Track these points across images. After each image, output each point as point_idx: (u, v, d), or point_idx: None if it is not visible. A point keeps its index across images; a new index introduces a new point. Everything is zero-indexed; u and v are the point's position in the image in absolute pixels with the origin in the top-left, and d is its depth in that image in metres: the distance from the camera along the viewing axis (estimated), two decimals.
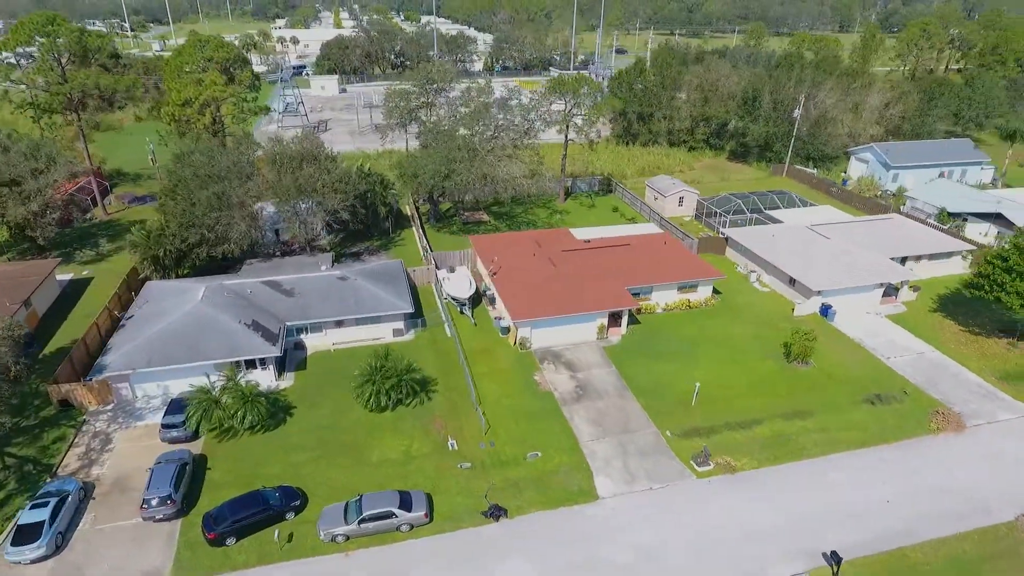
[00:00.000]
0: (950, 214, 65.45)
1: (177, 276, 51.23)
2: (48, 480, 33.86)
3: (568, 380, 42.46)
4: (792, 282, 52.30)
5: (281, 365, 43.10)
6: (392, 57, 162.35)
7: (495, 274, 49.85)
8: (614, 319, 47.30)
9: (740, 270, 58.02)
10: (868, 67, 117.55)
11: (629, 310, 47.28)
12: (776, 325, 49.22)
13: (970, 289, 46.92)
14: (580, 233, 58.33)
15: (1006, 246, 45.27)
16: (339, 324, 45.66)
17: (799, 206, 67.24)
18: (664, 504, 32.94)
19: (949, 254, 57.23)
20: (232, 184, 50.81)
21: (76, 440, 36.83)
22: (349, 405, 39.48)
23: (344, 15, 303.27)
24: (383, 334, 46.83)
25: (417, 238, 64.53)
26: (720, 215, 65.76)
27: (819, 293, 49.82)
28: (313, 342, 45.79)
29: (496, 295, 49.14)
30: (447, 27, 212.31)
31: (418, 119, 65.65)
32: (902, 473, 35.20)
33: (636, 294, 49.61)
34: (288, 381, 42.35)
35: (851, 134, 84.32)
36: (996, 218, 61.54)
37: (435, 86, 64.52)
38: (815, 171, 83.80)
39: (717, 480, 34.42)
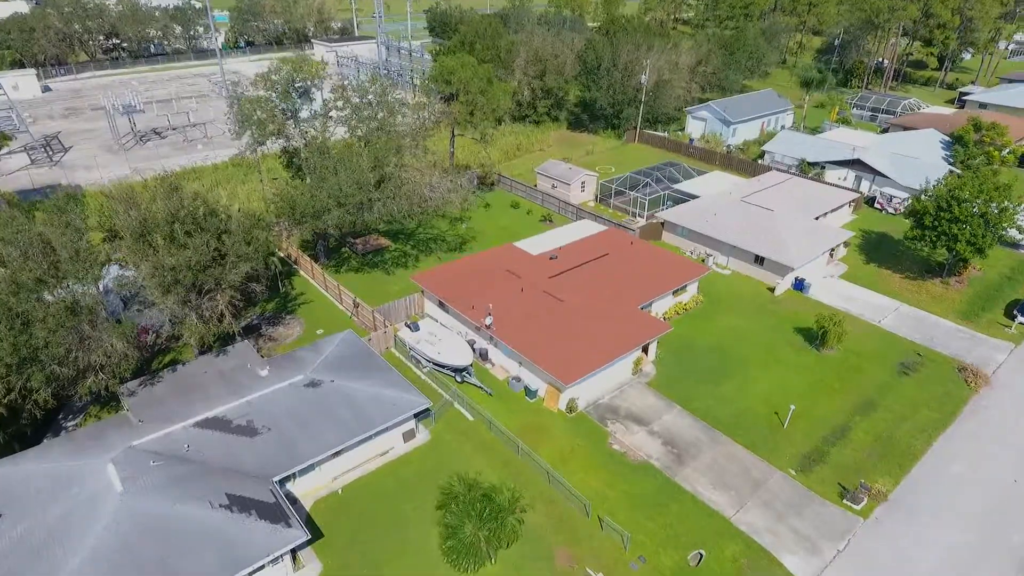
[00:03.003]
0: (810, 164, 71.55)
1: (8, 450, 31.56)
2: None
3: (649, 439, 35.95)
4: (759, 261, 51.74)
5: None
6: (102, 39, 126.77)
7: (489, 327, 40.07)
8: (643, 348, 41.55)
9: (691, 255, 56.03)
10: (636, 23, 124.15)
11: None
12: (768, 310, 48.32)
13: (912, 242, 50.93)
14: (529, 247, 50.36)
15: (932, 199, 49.44)
16: (336, 453, 32.37)
17: (694, 176, 67.47)
18: (864, 564, 29.26)
19: (841, 206, 62.21)
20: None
21: None
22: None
23: None
24: (392, 444, 34.67)
25: (323, 287, 50.07)
26: (639, 198, 62.77)
27: (793, 269, 49.92)
28: (306, 487, 31.93)
29: (498, 349, 39.74)
30: None
31: (286, 134, 49.54)
32: (998, 444, 36.34)
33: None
34: (313, 567, 28.71)
35: (683, 94, 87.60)
36: (853, 164, 68.65)
37: (303, 85, 48.85)
38: (665, 134, 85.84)
39: (881, 515, 31.73)
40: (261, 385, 34.10)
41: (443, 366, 40.01)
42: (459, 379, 39.74)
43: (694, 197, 61.16)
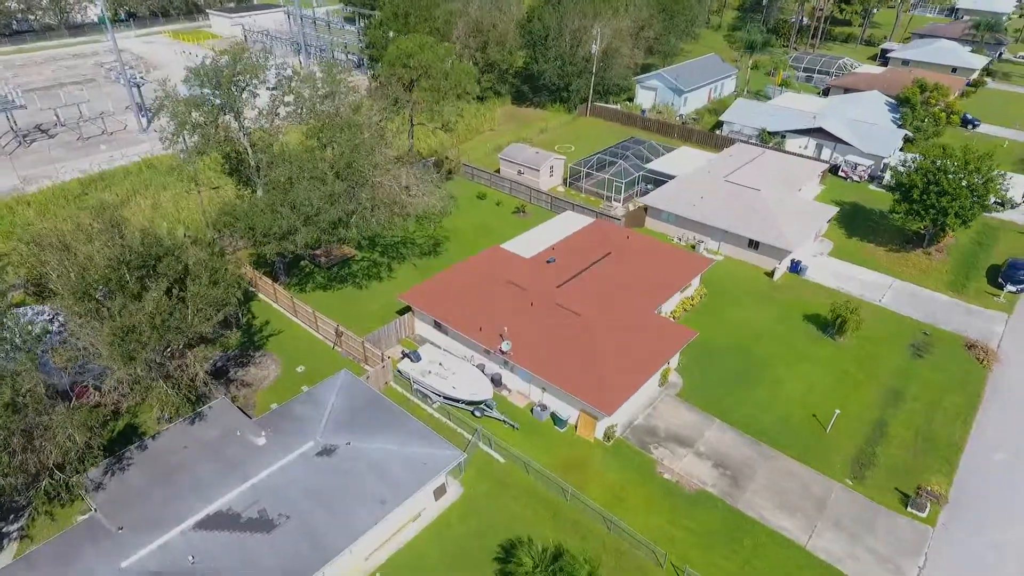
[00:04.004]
0: (770, 133, 70.67)
1: None
2: None
3: (698, 462, 33.43)
4: (754, 245, 50.02)
5: None
6: None
7: (506, 353, 35.92)
8: None
9: (679, 241, 53.65)
10: None
11: None
12: (772, 298, 46.82)
13: (900, 216, 50.67)
14: (519, 248, 46.12)
15: (918, 172, 49.16)
16: None
17: (663, 153, 64.87)
18: None
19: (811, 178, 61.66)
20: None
21: None
22: None
23: None
24: (422, 505, 30.22)
25: (292, 313, 43.82)
26: (614, 182, 59.37)
27: (790, 252, 48.55)
28: None
29: (514, 374, 35.87)
30: None
31: (230, 137, 41.78)
32: None
33: None
34: None
35: (630, 63, 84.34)
36: (815, 132, 68.21)
37: (245, 82, 41.13)
38: (618, 106, 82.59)
39: (947, 520, 30.79)
40: (263, 459, 28.55)
41: (458, 401, 35.64)
42: (477, 413, 35.53)
43: (670, 177, 58.56)
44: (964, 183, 47.26)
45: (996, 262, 51.80)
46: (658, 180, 59.57)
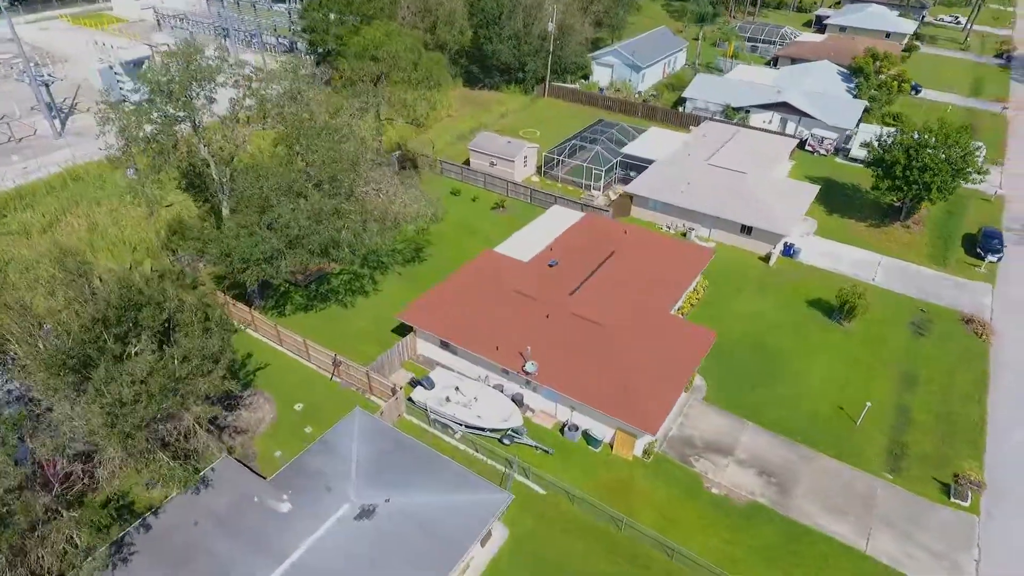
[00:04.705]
0: (734, 109, 70.18)
1: None
2: None
3: (742, 472, 32.46)
4: (747, 231, 49.29)
5: None
6: None
7: (532, 374, 33.55)
8: None
9: (668, 229, 52.34)
10: None
11: None
12: (772, 284, 46.37)
13: (882, 192, 51.06)
14: (514, 251, 43.52)
15: (900, 148, 49.51)
16: None
17: (636, 135, 63.16)
18: (1008, 573, 28.47)
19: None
20: None
21: None
22: None
23: None
24: (470, 554, 27.78)
25: (276, 342, 39.69)
26: (593, 169, 57.17)
27: (784, 236, 48.13)
28: None
29: (537, 393, 33.73)
30: None
31: (189, 149, 36.54)
32: None
33: None
34: None
35: (583, 39, 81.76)
36: (779, 106, 68.13)
37: (200, 87, 35.70)
38: (577, 85, 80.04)
39: (990, 507, 31.13)
40: (294, 530, 25.26)
41: (484, 430, 33.11)
42: (506, 441, 33.15)
43: (648, 161, 56.96)
44: (944, 157, 47.92)
45: (969, 231, 53.40)
46: (635, 165, 57.88)
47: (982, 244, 49.71)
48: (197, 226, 37.24)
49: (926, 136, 48.52)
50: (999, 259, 48.87)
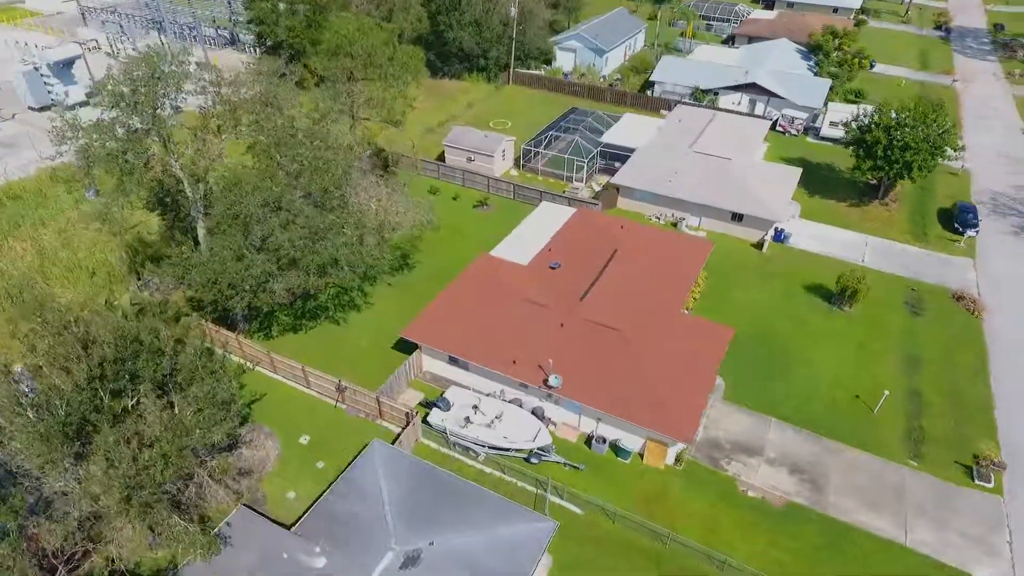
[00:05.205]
0: (703, 91, 69.78)
1: None
2: None
3: (774, 472, 32.10)
4: (738, 218, 48.95)
5: None
6: None
7: (555, 388, 32.14)
8: None
9: (658, 220, 51.50)
10: None
11: None
12: (768, 272, 46.21)
13: (863, 172, 51.58)
14: (511, 254, 41.84)
15: (881, 128, 49.95)
16: None
17: (612, 123, 61.88)
18: None
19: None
20: None
21: None
22: None
23: None
24: None
25: (270, 369, 36.88)
26: (575, 161, 55.62)
27: (775, 223, 48.01)
28: None
29: (559, 406, 32.46)
30: None
31: (162, 166, 32.83)
32: None
33: None
34: None
35: (542, 22, 79.65)
36: (747, 88, 68.06)
37: (167, 96, 31.83)
38: (542, 71, 77.98)
39: (1012, 487, 31.74)
40: None
41: (507, 450, 31.56)
42: (534, 460, 31.72)
43: (629, 150, 55.86)
44: (923, 136, 48.63)
45: (943, 205, 54.70)
46: (616, 155, 56.75)
47: (959, 219, 50.92)
48: (174, 250, 33.84)
49: (904, 115, 49.07)
50: (976, 233, 50.20)
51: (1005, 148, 64.70)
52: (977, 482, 31.80)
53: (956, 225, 50.85)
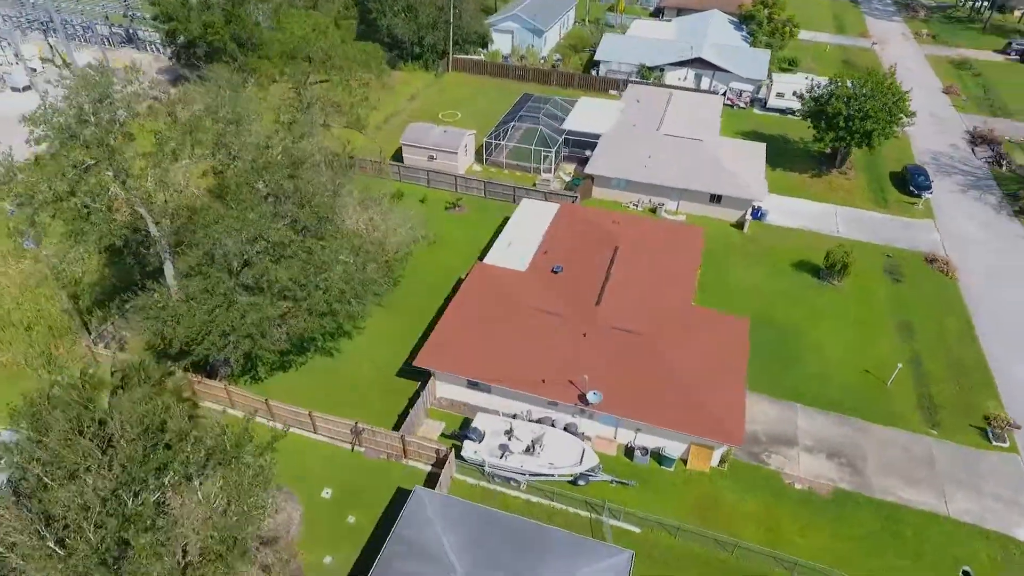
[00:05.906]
0: (649, 68, 69.21)
1: None
2: None
3: (813, 460, 32.21)
4: (716, 199, 48.79)
5: None
6: None
7: (593, 405, 30.66)
8: None
9: (635, 207, 50.57)
10: None
11: None
12: (754, 252, 46.49)
13: (824, 143, 52.67)
14: (507, 261, 39.73)
15: (841, 100, 50.98)
16: None
17: (570, 108, 60.09)
18: None
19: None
20: None
21: None
22: None
23: None
24: None
25: (268, 418, 33.16)
26: (543, 153, 53.59)
27: (754, 201, 48.22)
28: None
29: (592, 420, 31.19)
30: None
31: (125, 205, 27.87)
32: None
33: None
34: None
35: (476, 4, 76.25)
36: (692, 63, 68.02)
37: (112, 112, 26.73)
38: (482, 56, 74.74)
39: None
40: None
41: (545, 476, 29.87)
42: (581, 483, 30.23)
43: (594, 136, 54.45)
44: (880, 104, 50.07)
45: (893, 169, 56.98)
46: (580, 141, 55.21)
47: (913, 182, 53.16)
48: (146, 298, 29.32)
49: (861, 85, 50.30)
50: (931, 194, 52.61)
51: (932, 108, 68.26)
52: (994, 443, 33.26)
53: (911, 188, 53.05)
